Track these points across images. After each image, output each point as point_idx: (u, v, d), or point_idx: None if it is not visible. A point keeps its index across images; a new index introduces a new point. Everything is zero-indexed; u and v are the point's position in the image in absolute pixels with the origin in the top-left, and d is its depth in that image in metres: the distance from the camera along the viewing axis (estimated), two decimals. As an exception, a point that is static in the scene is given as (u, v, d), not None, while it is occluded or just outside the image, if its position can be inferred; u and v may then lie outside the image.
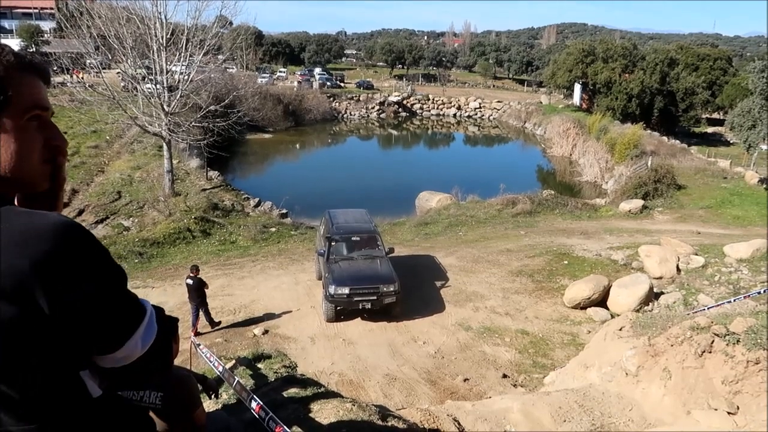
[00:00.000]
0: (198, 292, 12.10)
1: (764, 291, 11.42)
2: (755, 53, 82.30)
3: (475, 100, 68.16)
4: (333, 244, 13.99)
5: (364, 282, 12.89)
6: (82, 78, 27.54)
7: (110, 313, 1.11)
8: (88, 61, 22.52)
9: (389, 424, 4.87)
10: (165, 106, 21.38)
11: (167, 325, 1.31)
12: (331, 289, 12.62)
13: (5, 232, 0.98)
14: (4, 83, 1.08)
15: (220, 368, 5.81)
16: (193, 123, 23.02)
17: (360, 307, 12.84)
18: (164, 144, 22.36)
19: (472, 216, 23.90)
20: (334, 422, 4.38)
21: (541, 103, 63.75)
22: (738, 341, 5.65)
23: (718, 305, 11.11)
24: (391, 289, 12.85)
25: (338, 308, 12.92)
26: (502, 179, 28.38)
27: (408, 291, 13.83)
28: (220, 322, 12.69)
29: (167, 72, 21.67)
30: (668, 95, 49.98)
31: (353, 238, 14.37)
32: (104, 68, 22.32)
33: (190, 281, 12.07)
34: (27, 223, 1.01)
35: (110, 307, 1.11)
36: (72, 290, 1.02)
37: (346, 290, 12.62)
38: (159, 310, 1.30)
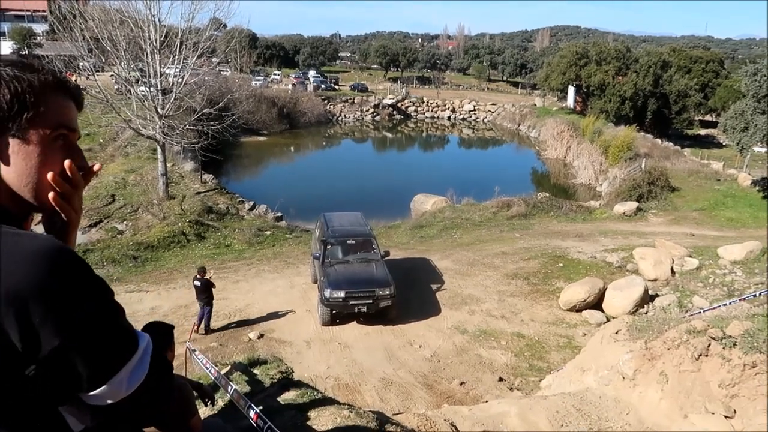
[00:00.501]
0: (206, 293, 12.23)
1: (760, 294, 11.46)
2: (747, 55, 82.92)
3: (469, 103, 68.26)
4: (328, 247, 13.93)
5: (359, 285, 12.83)
6: (75, 81, 27.42)
7: (91, 349, 1.03)
8: (81, 63, 22.37)
9: (387, 430, 4.85)
10: (159, 109, 21.30)
11: (163, 363, 1.23)
12: (327, 293, 12.57)
13: None
14: (38, 98, 1.10)
15: (216, 374, 5.77)
16: (187, 126, 22.94)
17: (356, 311, 12.80)
18: (158, 147, 22.26)
19: (467, 219, 23.92)
20: (331, 429, 4.35)
21: (535, 105, 63.91)
22: (735, 345, 5.66)
23: (713, 308, 11.14)
24: (387, 292, 12.79)
25: (334, 312, 12.87)
26: (497, 182, 28.46)
27: (403, 294, 13.81)
28: (213, 330, 12.64)
29: (161, 75, 21.59)
30: (661, 97, 50.21)
31: (349, 242, 14.33)
32: (97, 71, 22.20)
33: (197, 283, 12.20)
34: (10, 246, 0.96)
35: (92, 344, 1.03)
36: (48, 323, 0.95)
37: (341, 294, 12.57)
38: (161, 339, 1.24)
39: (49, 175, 1.13)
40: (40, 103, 1.10)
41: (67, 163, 1.16)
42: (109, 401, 1.09)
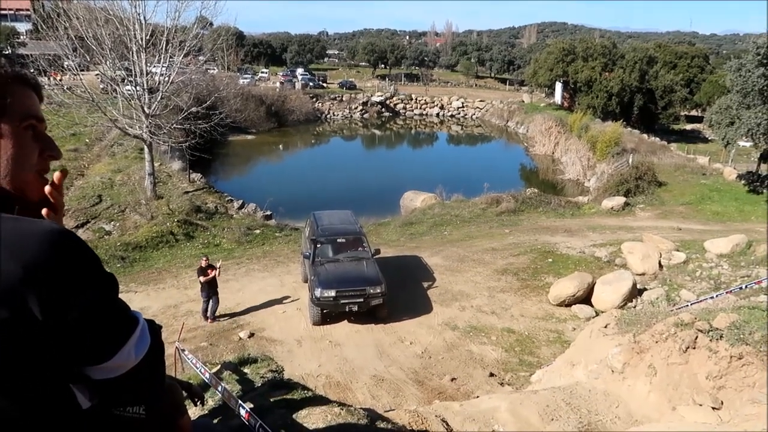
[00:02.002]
0: (204, 282, 12.71)
1: (746, 286, 11.59)
2: (731, 51, 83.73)
3: (457, 100, 68.40)
4: (318, 246, 13.84)
5: (350, 284, 12.76)
6: (60, 80, 27.10)
7: (103, 321, 1.10)
8: (66, 62, 22.11)
9: (378, 427, 4.85)
10: (145, 108, 21.10)
11: (160, 338, 1.31)
12: (317, 292, 12.49)
13: None
14: (3, 90, 1.12)
15: (207, 374, 5.74)
16: (174, 125, 22.75)
17: (347, 310, 12.75)
18: (145, 146, 22.09)
19: (456, 215, 23.98)
20: (322, 427, 4.34)
21: (523, 101, 64.17)
22: (721, 337, 5.72)
23: (700, 301, 11.25)
24: (378, 291, 12.74)
25: (325, 311, 12.80)
26: (486, 178, 28.56)
27: (394, 291, 13.80)
28: (207, 320, 12.93)
29: (147, 73, 21.39)
30: (647, 93, 50.60)
31: (339, 240, 14.24)
32: (83, 70, 21.93)
33: None
34: (17, 228, 1.00)
35: (103, 315, 1.10)
36: (66, 297, 1.01)
37: (332, 293, 12.49)
38: (151, 323, 1.29)
39: (47, 189, 1.19)
40: (6, 94, 1.13)
41: (57, 175, 1.22)
42: (118, 372, 1.15)
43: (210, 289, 12.78)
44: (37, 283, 0.97)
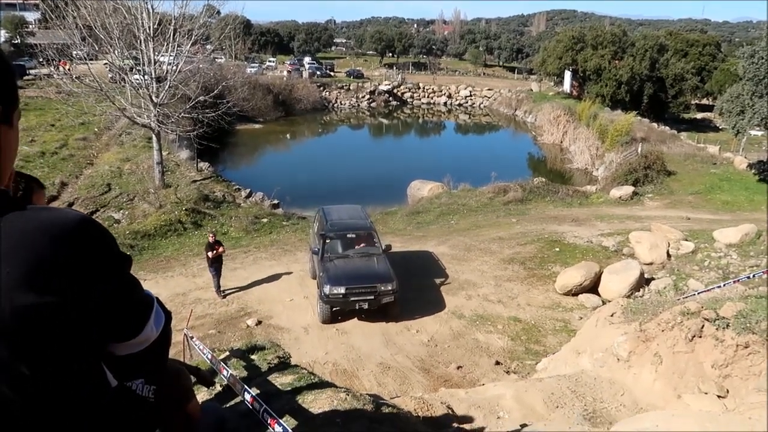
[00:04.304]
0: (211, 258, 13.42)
1: (754, 275, 11.54)
2: (744, 38, 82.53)
3: (465, 88, 67.98)
4: (328, 241, 13.40)
5: (360, 281, 12.37)
6: (69, 69, 27.15)
7: (130, 298, 1.19)
8: (75, 52, 22.16)
9: (383, 412, 4.90)
10: (153, 97, 21.15)
11: (168, 311, 1.39)
12: (327, 289, 12.10)
13: (31, 226, 1.01)
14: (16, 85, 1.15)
15: (212, 359, 5.81)
16: (182, 114, 22.79)
17: (357, 308, 12.39)
18: (153, 135, 22.15)
19: (463, 204, 23.95)
20: (328, 412, 4.39)
21: (531, 90, 63.70)
22: (728, 326, 5.71)
23: (707, 290, 11.22)
24: (389, 288, 12.33)
25: (334, 309, 12.48)
26: (493, 167, 28.47)
27: (401, 280, 13.74)
28: (223, 294, 13.71)
29: (155, 62, 21.41)
30: (658, 81, 50.04)
31: (349, 236, 13.77)
32: (91, 59, 21.97)
33: None
34: (51, 218, 1.05)
35: (129, 293, 1.19)
36: (99, 279, 1.07)
37: (342, 290, 12.12)
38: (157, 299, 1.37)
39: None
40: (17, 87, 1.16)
41: None
42: (142, 347, 1.25)
43: (217, 263, 13.43)
44: (77, 268, 1.02)
